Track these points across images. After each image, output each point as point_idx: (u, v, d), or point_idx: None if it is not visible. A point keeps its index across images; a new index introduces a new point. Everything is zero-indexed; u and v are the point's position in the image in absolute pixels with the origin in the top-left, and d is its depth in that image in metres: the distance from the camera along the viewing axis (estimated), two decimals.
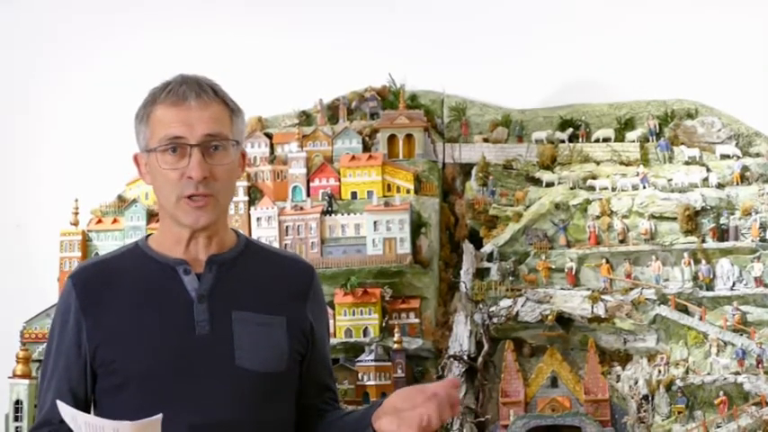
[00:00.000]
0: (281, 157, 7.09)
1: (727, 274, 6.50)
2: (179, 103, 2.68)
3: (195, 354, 2.58)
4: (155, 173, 2.70)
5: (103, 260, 2.77)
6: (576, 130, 7.14)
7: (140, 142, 2.79)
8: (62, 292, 2.75)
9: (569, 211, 6.79)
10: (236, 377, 2.60)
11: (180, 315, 2.63)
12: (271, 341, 2.67)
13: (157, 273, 2.68)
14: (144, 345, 2.59)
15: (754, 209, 6.58)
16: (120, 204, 7.14)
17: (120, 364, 2.59)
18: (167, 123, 2.69)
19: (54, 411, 2.57)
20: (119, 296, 2.64)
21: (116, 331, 2.60)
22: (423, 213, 6.83)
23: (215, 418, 2.56)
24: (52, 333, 2.73)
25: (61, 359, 2.66)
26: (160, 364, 2.57)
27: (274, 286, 2.74)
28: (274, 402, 2.67)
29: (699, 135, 7.02)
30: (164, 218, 2.74)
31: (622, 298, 6.48)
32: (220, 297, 2.65)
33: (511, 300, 6.55)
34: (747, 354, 6.22)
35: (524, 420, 6.28)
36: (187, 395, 2.55)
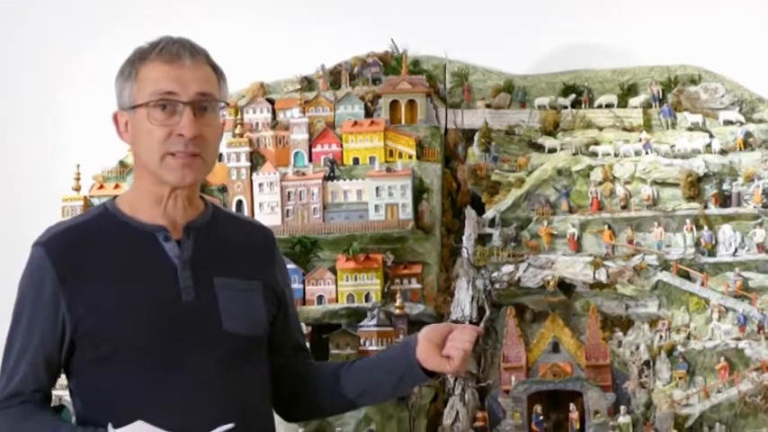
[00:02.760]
0: (283, 123, 7.07)
1: (729, 241, 6.50)
2: (172, 61, 2.64)
3: (183, 321, 2.57)
4: (139, 130, 2.63)
5: (73, 226, 2.68)
6: (578, 95, 7.12)
7: (123, 99, 2.67)
8: (32, 259, 2.65)
9: (571, 177, 6.79)
10: (224, 342, 2.60)
11: (165, 283, 2.61)
12: (251, 305, 2.70)
13: (137, 240, 2.63)
14: (133, 315, 2.55)
15: (756, 175, 6.57)
16: (122, 170, 7.14)
17: (109, 335, 2.55)
18: (159, 79, 2.63)
19: (27, 382, 2.58)
20: (99, 265, 2.59)
21: (101, 302, 2.56)
22: (425, 179, 6.82)
23: (205, 385, 2.57)
24: (22, 302, 2.64)
25: (36, 330, 2.59)
26: (150, 333, 2.56)
27: (246, 252, 2.75)
28: (256, 365, 2.69)
29: (702, 101, 7.00)
30: (141, 178, 2.65)
31: (624, 264, 6.48)
32: (201, 263, 2.64)
33: (513, 265, 6.56)
34: (749, 320, 6.24)
35: (526, 385, 6.31)
36: (177, 363, 2.55)
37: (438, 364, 2.65)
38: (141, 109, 2.64)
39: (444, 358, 2.65)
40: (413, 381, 2.76)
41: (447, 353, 2.65)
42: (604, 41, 7.16)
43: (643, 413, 6.17)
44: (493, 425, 6.30)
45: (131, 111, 2.66)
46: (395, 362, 2.76)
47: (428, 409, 6.38)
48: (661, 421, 6.00)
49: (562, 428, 6.29)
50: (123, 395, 2.57)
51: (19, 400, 2.60)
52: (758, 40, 6.88)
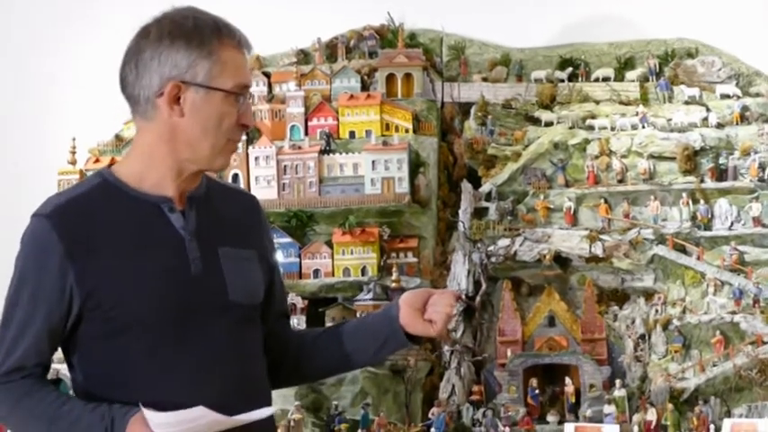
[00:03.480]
0: (279, 96, 7.06)
1: (726, 214, 6.50)
2: (242, 50, 2.63)
3: (193, 292, 2.56)
4: (207, 112, 2.55)
5: (75, 197, 2.59)
6: (575, 69, 7.11)
7: (193, 72, 2.54)
8: (35, 232, 2.56)
9: (568, 150, 6.78)
10: (230, 312, 2.61)
11: (174, 254, 2.57)
12: (251, 274, 2.71)
13: (141, 211, 2.58)
14: (145, 288, 2.52)
15: (753, 149, 6.56)
16: (118, 143, 7.13)
17: (122, 309, 2.50)
18: (240, 69, 2.59)
19: (29, 356, 2.55)
20: (106, 237, 2.53)
21: (113, 275, 2.50)
22: (421, 153, 6.81)
23: (215, 356, 2.57)
24: (24, 275, 2.56)
25: (40, 304, 2.53)
26: (162, 305, 2.53)
27: (239, 220, 2.75)
28: (255, 334, 2.71)
29: (699, 74, 6.98)
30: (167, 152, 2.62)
31: (620, 238, 6.49)
32: (205, 234, 2.63)
33: (509, 239, 6.56)
34: (744, 293, 6.24)
35: (522, 359, 6.32)
36: (189, 335, 2.55)
37: (421, 328, 2.68)
38: (218, 93, 2.56)
39: (427, 322, 2.67)
40: (396, 345, 2.78)
41: (429, 317, 2.67)
42: (601, 15, 7.14)
43: (638, 387, 6.19)
44: (489, 398, 6.32)
45: (203, 89, 2.56)
46: (377, 327, 2.77)
47: (424, 382, 6.39)
48: (656, 395, 6.02)
49: (558, 402, 6.31)
50: (133, 368, 2.54)
51: (20, 375, 2.56)
52: (755, 13, 6.86)
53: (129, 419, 2.42)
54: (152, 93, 2.56)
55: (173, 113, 2.56)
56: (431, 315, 2.67)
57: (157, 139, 2.59)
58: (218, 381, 2.57)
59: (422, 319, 2.68)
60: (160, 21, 2.59)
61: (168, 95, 2.55)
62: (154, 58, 2.55)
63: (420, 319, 2.68)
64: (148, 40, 2.57)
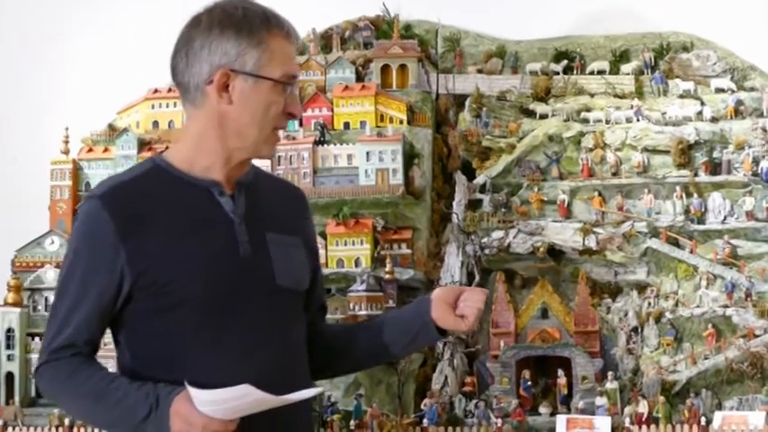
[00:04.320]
0: None
1: (719, 208, 6.51)
2: (291, 40, 2.68)
3: (242, 274, 2.61)
4: (255, 100, 2.60)
5: (127, 181, 2.64)
6: (570, 61, 7.11)
7: (242, 61, 2.58)
8: (88, 212, 2.60)
9: (563, 143, 6.78)
10: (276, 297, 2.66)
11: (224, 236, 2.61)
12: (297, 261, 2.76)
13: (193, 194, 2.63)
14: (196, 267, 2.56)
15: (747, 143, 6.57)
16: (111, 133, 7.11)
17: (173, 288, 2.54)
18: (288, 58, 2.64)
19: (80, 334, 2.57)
20: (158, 219, 2.58)
21: (164, 255, 2.55)
22: (416, 144, 6.81)
23: (260, 339, 2.61)
24: (76, 255, 2.61)
25: (92, 283, 2.57)
26: (211, 285, 2.57)
27: (286, 209, 2.80)
28: (299, 320, 2.75)
29: (694, 68, 6.99)
30: (216, 138, 2.62)
31: (614, 230, 6.50)
32: (253, 219, 2.69)
33: (503, 231, 6.57)
34: (736, 287, 6.26)
35: (514, 351, 6.33)
36: (235, 317, 2.60)
37: (453, 322, 2.73)
38: (266, 82, 2.60)
39: (458, 317, 2.73)
40: (427, 339, 2.84)
41: (461, 312, 2.73)
42: (597, 8, 7.14)
43: (630, 379, 6.20)
44: (481, 390, 6.33)
45: (252, 78, 2.60)
46: (409, 321, 2.82)
47: (417, 374, 6.40)
48: (648, 387, 6.03)
49: (550, 394, 6.32)
50: (179, 347, 2.57)
51: (69, 353, 2.59)
52: (751, 8, 6.86)
53: (174, 398, 2.44)
54: (202, 80, 2.61)
55: (221, 101, 2.60)
56: (462, 310, 2.72)
57: (206, 126, 2.64)
58: (259, 367, 2.60)
59: (453, 314, 2.72)
60: (211, 10, 2.63)
61: (217, 83, 2.59)
62: (204, 47, 2.59)
63: (452, 314, 2.73)
64: (199, 30, 2.61)
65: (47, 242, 6.77)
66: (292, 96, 2.65)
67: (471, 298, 2.73)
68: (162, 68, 7.39)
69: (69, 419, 6.09)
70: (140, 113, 7.18)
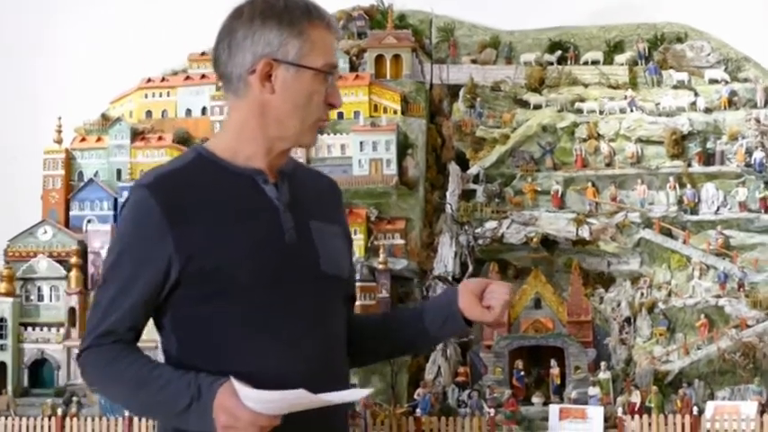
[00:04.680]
0: None
1: (712, 199, 6.52)
2: (332, 31, 2.71)
3: (288, 261, 2.63)
4: (296, 90, 2.61)
5: (173, 170, 2.65)
6: (564, 52, 7.11)
7: (285, 51, 2.60)
8: (136, 201, 2.61)
9: (556, 133, 6.79)
10: (320, 284, 2.68)
11: (270, 224, 2.63)
12: (339, 250, 2.80)
13: (238, 183, 2.63)
14: (242, 253, 2.57)
15: (740, 134, 6.58)
16: (104, 123, 7.10)
17: (219, 274, 2.55)
18: (328, 49, 2.66)
19: (123, 321, 2.58)
20: (204, 207, 2.59)
21: (212, 242, 2.56)
22: (409, 134, 6.81)
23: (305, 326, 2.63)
24: (124, 242, 2.61)
25: (140, 270, 2.57)
26: (260, 272, 2.58)
27: (324, 198, 2.84)
28: (340, 308, 2.78)
29: (688, 59, 6.99)
30: (259, 128, 2.64)
31: (607, 221, 6.50)
32: (297, 207, 2.71)
33: (496, 222, 6.57)
34: (729, 277, 6.26)
35: (507, 341, 6.33)
36: (282, 303, 2.61)
37: (479, 313, 2.75)
38: (308, 71, 2.62)
39: (484, 309, 2.74)
40: (454, 329, 2.86)
41: (488, 303, 2.75)
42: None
43: (623, 369, 6.20)
44: (474, 380, 6.33)
45: (293, 67, 2.61)
46: (437, 311, 2.83)
47: (410, 363, 6.40)
48: (641, 377, 6.04)
49: (543, 384, 6.32)
50: (225, 333, 2.57)
51: (111, 339, 2.59)
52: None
53: (217, 390, 2.44)
54: (244, 70, 2.62)
55: (264, 90, 2.61)
56: (489, 301, 2.74)
57: (248, 116, 2.65)
58: (306, 355, 2.60)
59: (480, 306, 2.74)
60: (252, 2, 2.65)
61: (260, 72, 2.60)
62: (247, 37, 2.60)
63: (479, 305, 2.74)
64: (241, 21, 2.62)
65: (39, 232, 6.76)
66: (333, 86, 2.66)
67: (497, 290, 2.75)
68: (155, 58, 7.41)
69: (62, 410, 6.09)
70: (133, 103, 7.17)
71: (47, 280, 6.66)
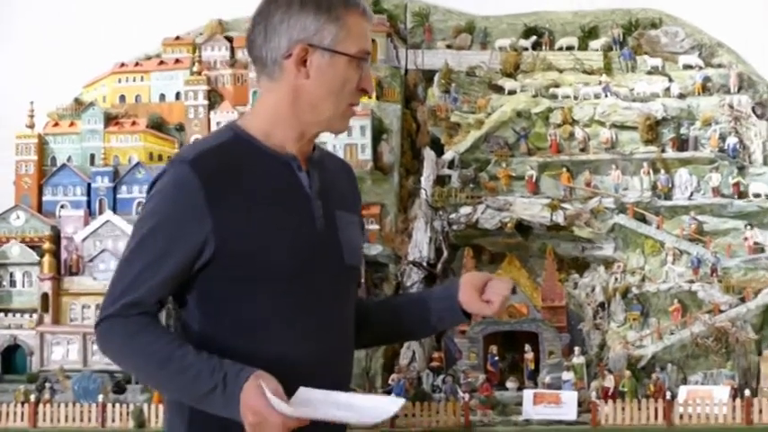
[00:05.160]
0: (242, 62, 7.01)
1: (686, 184, 6.54)
2: (366, 18, 2.71)
3: (317, 250, 2.63)
4: (331, 75, 2.62)
5: (214, 147, 2.63)
6: (539, 37, 7.10)
7: (320, 37, 2.61)
8: (176, 176, 2.59)
9: (531, 119, 6.79)
10: (343, 273, 2.71)
11: (303, 211, 2.63)
12: (357, 239, 2.82)
13: (274, 167, 2.63)
14: (278, 239, 2.57)
15: (714, 119, 6.60)
16: (77, 107, 7.06)
17: (254, 258, 2.55)
18: (363, 35, 2.67)
19: (152, 294, 2.57)
20: (245, 188, 2.58)
21: (249, 224, 2.56)
22: (384, 120, 6.79)
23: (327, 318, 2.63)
24: (160, 215, 2.59)
25: (175, 247, 2.55)
26: (293, 258, 2.58)
27: (346, 187, 2.85)
28: (354, 300, 2.79)
29: (662, 45, 7.00)
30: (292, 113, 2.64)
31: (581, 206, 6.51)
32: (325, 195, 2.72)
33: (471, 207, 6.57)
34: (702, 262, 6.30)
35: (482, 326, 6.34)
36: (310, 291, 2.61)
37: (479, 307, 2.78)
38: (343, 57, 2.63)
39: (484, 303, 2.77)
40: (453, 321, 2.89)
41: (488, 297, 2.77)
42: None
43: (597, 354, 6.23)
44: (449, 365, 6.34)
45: (329, 53, 2.62)
46: (438, 302, 2.86)
47: (385, 349, 6.40)
48: (614, 362, 6.06)
49: (517, 369, 6.34)
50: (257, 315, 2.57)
51: (138, 310, 2.57)
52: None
53: (244, 383, 2.43)
54: (279, 55, 2.63)
55: (299, 75, 2.62)
56: (489, 296, 2.76)
57: (282, 100, 2.65)
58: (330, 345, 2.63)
59: (480, 299, 2.76)
60: None
61: (296, 57, 2.61)
62: (283, 22, 2.61)
63: (479, 299, 2.76)
64: (278, 4, 2.63)
65: (12, 217, 6.72)
66: (366, 72, 2.67)
67: (498, 285, 2.77)
68: (129, 43, 7.36)
69: (35, 396, 6.06)
70: (107, 88, 7.13)
71: (19, 266, 6.62)
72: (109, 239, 6.56)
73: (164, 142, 6.90)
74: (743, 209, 6.43)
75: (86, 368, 6.30)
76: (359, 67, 2.66)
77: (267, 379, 2.43)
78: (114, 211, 6.68)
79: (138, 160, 6.79)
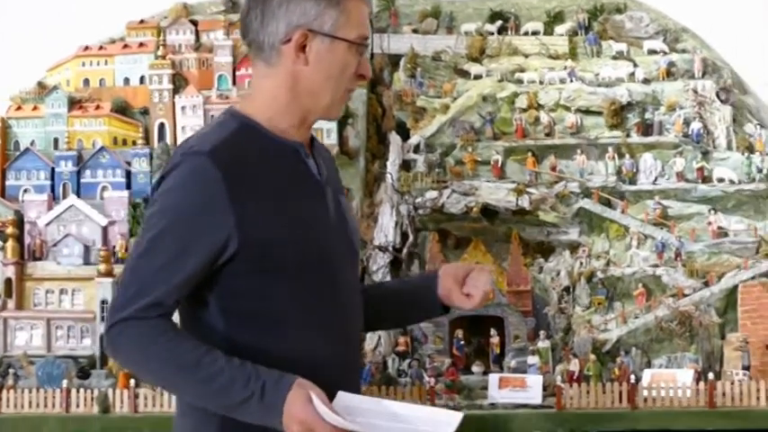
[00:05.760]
0: (207, 45, 6.98)
1: (650, 169, 6.57)
2: (366, 2, 2.65)
3: (332, 238, 2.58)
4: (330, 61, 2.56)
5: (225, 138, 2.53)
6: (505, 22, 7.10)
7: (321, 22, 2.54)
8: (196, 170, 2.48)
9: (497, 103, 6.80)
10: (354, 261, 2.68)
11: (318, 200, 2.59)
12: (357, 223, 2.75)
13: (286, 156, 2.57)
14: (300, 231, 2.51)
15: (678, 104, 6.63)
16: (41, 91, 7.00)
17: (277, 252, 2.47)
18: (363, 21, 2.61)
19: (172, 294, 2.45)
20: (263, 180, 2.50)
21: (270, 218, 2.48)
22: (350, 104, 6.76)
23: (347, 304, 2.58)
24: (175, 211, 2.47)
25: (196, 243, 2.44)
26: (312, 248, 2.53)
27: (333, 171, 2.78)
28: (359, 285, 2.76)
29: (627, 30, 7.02)
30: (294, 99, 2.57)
31: (547, 191, 6.53)
32: (329, 181, 2.67)
33: (436, 191, 6.57)
34: (667, 247, 6.34)
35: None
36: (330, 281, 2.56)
37: (459, 301, 2.75)
38: (342, 43, 2.57)
39: (464, 296, 2.74)
40: (431, 315, 2.87)
41: (468, 291, 2.74)
42: None
43: (562, 338, 6.26)
44: (414, 349, 6.35)
45: (328, 39, 2.56)
46: (417, 295, 2.83)
47: None
48: (579, 346, 6.10)
49: (483, 353, 6.36)
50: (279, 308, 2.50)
51: (157, 312, 2.44)
52: None
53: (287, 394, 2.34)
54: (278, 40, 2.56)
55: (297, 61, 2.56)
56: (470, 289, 2.73)
57: (280, 86, 2.59)
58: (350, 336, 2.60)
59: (460, 293, 2.74)
60: None
61: (295, 43, 2.55)
62: (282, 6, 2.55)
63: (459, 293, 2.74)
64: None
65: None
66: (364, 58, 2.62)
67: (479, 278, 2.74)
68: (93, 26, 7.30)
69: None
70: (71, 71, 7.07)
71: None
72: (73, 224, 6.51)
73: (128, 126, 6.85)
74: (707, 193, 6.47)
75: (50, 354, 6.26)
76: (357, 53, 2.61)
77: (310, 387, 2.34)
78: (78, 196, 6.63)
79: (102, 144, 6.75)
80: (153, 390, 5.74)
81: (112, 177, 6.69)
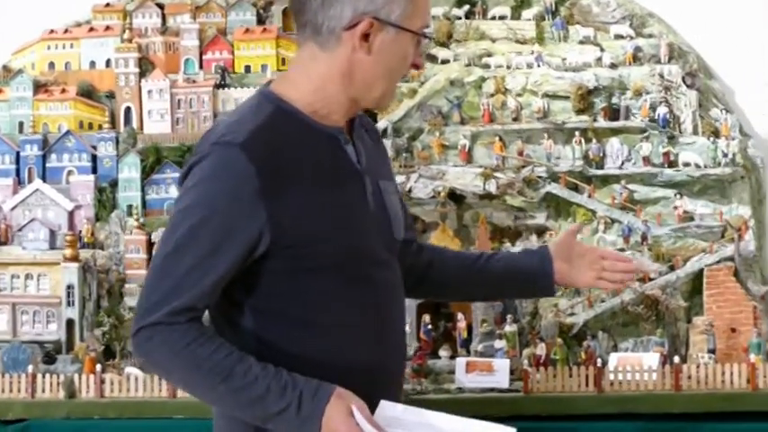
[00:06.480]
0: (173, 29, 6.94)
1: (617, 153, 6.60)
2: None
3: (372, 230, 2.51)
4: (393, 52, 2.48)
5: (262, 126, 2.42)
6: (472, 6, 7.09)
7: (390, 11, 2.45)
8: (228, 162, 2.37)
9: (464, 88, 6.80)
10: (394, 250, 2.55)
11: (357, 190, 2.51)
12: (400, 209, 2.65)
13: (323, 143, 2.48)
14: (338, 225, 2.43)
15: (644, 89, 6.66)
16: (5, 74, 6.93)
17: (315, 248, 2.39)
18: (427, 10, 2.58)
19: (203, 297, 2.36)
20: (298, 171, 2.40)
21: (306, 213, 2.38)
22: None
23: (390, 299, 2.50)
24: (206, 207, 2.36)
25: (228, 242, 2.33)
26: (351, 242, 2.45)
27: (378, 148, 2.68)
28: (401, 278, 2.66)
29: (594, 14, 7.02)
30: (342, 87, 2.49)
31: (514, 176, 6.55)
32: (369, 168, 2.56)
33: (404, 176, 6.56)
34: (633, 231, 6.37)
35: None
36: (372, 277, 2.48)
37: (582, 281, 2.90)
38: (407, 33, 2.49)
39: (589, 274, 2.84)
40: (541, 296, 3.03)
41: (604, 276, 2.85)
42: None
43: (529, 322, 6.29)
44: None
45: (394, 29, 2.48)
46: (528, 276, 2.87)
47: None
48: (546, 330, 6.13)
49: (450, 337, 6.37)
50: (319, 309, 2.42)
51: (188, 317, 2.35)
52: None
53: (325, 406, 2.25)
54: (340, 25, 2.47)
55: (359, 50, 2.48)
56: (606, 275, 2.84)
57: (332, 72, 2.50)
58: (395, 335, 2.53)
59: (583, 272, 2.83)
60: None
61: (360, 31, 2.47)
62: None
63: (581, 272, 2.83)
64: None
65: None
66: (421, 48, 2.60)
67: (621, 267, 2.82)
68: (58, 9, 7.24)
69: None
70: (36, 54, 7.00)
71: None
72: (38, 208, 6.47)
73: (94, 110, 6.80)
74: (673, 178, 6.51)
75: (15, 339, 6.23)
76: (418, 44, 2.55)
77: (351, 398, 2.27)
78: (44, 180, 6.59)
79: (67, 128, 6.70)
80: (119, 374, 5.72)
81: (78, 162, 6.64)
